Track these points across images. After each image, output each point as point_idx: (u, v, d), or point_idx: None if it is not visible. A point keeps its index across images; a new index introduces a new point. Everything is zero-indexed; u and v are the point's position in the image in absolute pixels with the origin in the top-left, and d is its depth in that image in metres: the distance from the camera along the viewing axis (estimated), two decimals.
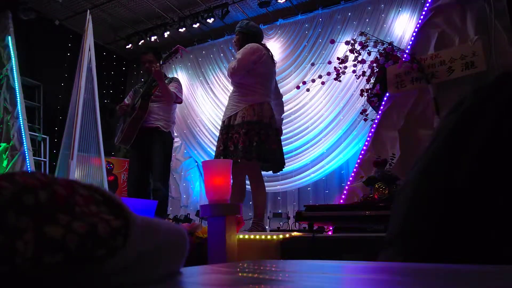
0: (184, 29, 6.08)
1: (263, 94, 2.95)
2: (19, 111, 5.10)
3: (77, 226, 0.25)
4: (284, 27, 6.11)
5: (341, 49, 4.85)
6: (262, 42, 3.17)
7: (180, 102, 3.61)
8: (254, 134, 2.77)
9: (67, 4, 5.89)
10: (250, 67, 2.91)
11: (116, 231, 0.26)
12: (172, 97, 3.41)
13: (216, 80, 6.51)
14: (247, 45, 2.99)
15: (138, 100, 3.43)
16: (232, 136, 2.83)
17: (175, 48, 3.44)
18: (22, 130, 5.04)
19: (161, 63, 3.44)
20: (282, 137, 5.54)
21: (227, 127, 2.90)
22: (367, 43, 3.47)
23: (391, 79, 3.32)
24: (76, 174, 3.69)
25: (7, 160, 5.00)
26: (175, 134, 3.65)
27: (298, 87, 4.52)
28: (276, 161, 2.91)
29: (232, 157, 2.73)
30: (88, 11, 4.32)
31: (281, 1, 5.62)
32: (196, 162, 6.54)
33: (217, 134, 3.15)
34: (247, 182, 3.05)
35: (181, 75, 6.70)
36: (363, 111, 3.78)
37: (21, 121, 5.06)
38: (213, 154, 3.10)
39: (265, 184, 3.05)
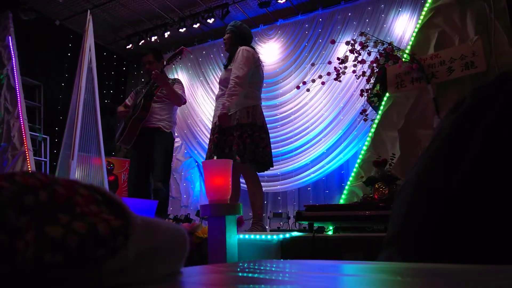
0: (184, 29, 6.08)
1: (257, 97, 3.03)
2: (20, 111, 5.10)
3: (78, 226, 0.25)
4: (284, 27, 6.11)
5: (341, 49, 4.85)
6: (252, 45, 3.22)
7: (184, 103, 3.62)
8: (247, 136, 2.80)
9: (67, 4, 5.90)
10: (251, 73, 2.94)
11: (116, 231, 0.26)
12: (180, 99, 3.43)
13: (216, 80, 6.51)
14: (244, 49, 2.99)
15: (140, 100, 3.43)
16: (227, 139, 2.85)
17: (180, 49, 3.44)
18: (23, 130, 5.04)
19: (165, 64, 3.44)
20: (282, 138, 5.54)
21: (221, 128, 2.90)
22: (367, 43, 3.47)
23: (391, 79, 3.32)
24: (76, 174, 3.69)
25: (7, 160, 5.00)
26: (176, 134, 3.65)
27: (298, 87, 4.52)
28: (269, 162, 2.96)
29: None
30: (89, 11, 4.32)
31: (281, 1, 5.62)
32: (196, 162, 6.54)
33: None
34: (242, 181, 3.07)
35: (182, 75, 6.70)
36: (363, 111, 3.78)
37: (21, 121, 5.06)
38: None
39: (265, 184, 3.07)
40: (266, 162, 2.92)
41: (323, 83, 4.02)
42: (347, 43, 3.59)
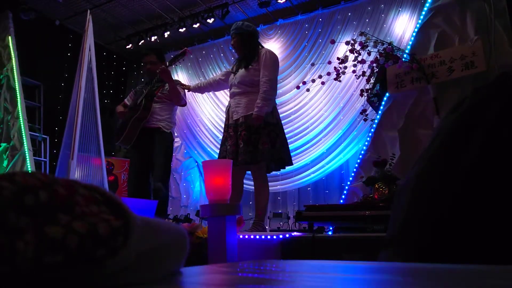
0: (184, 29, 6.08)
1: (275, 99, 3.05)
2: (19, 111, 5.09)
3: (78, 226, 0.25)
4: (284, 27, 6.11)
5: (341, 49, 4.85)
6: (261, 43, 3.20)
7: (184, 105, 3.61)
8: (276, 136, 2.80)
9: (67, 4, 5.89)
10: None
11: (116, 231, 0.26)
12: (181, 97, 3.42)
13: None
14: (270, 52, 3.01)
15: (141, 100, 3.43)
16: (251, 136, 2.81)
17: (183, 50, 3.44)
18: (23, 130, 5.04)
19: (167, 65, 3.44)
20: None
21: (248, 126, 2.84)
22: (367, 43, 3.47)
23: (391, 79, 3.32)
24: (76, 174, 3.69)
25: (7, 160, 5.00)
26: (175, 134, 3.64)
27: (298, 87, 4.52)
28: (291, 161, 3.02)
29: (253, 158, 2.74)
30: (89, 11, 4.31)
31: (281, 1, 5.62)
32: (196, 162, 6.53)
33: (218, 134, 3.14)
34: (249, 182, 3.07)
35: (181, 75, 6.70)
36: (363, 111, 3.78)
37: (21, 121, 5.05)
38: (213, 154, 3.09)
39: None
40: (289, 160, 2.97)
41: (323, 83, 4.02)
42: (347, 43, 3.60)
